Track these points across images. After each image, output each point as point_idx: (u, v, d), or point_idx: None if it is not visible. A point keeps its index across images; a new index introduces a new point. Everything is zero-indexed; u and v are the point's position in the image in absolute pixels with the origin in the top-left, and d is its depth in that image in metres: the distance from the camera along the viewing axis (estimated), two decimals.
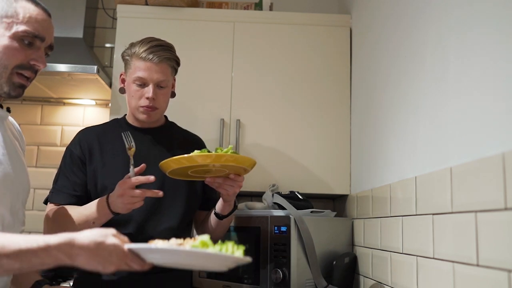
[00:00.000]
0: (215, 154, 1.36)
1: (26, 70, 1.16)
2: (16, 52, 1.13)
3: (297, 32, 2.28)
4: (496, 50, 1.00)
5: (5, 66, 1.12)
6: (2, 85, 1.14)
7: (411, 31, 1.49)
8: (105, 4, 2.72)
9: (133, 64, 1.58)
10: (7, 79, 1.14)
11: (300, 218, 1.79)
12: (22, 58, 1.14)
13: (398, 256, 1.47)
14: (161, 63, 1.57)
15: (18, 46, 1.13)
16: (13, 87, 1.15)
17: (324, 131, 2.22)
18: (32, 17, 1.15)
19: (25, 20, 1.13)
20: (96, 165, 1.59)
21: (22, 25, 1.13)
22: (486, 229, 0.98)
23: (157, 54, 1.57)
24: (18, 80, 1.15)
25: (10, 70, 1.13)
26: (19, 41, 1.13)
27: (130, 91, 1.61)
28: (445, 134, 1.21)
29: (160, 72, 1.57)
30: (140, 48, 1.58)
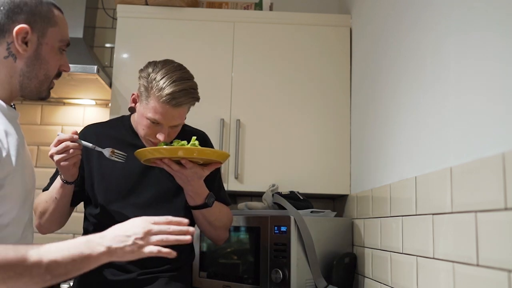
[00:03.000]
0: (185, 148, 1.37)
1: (57, 77, 1.21)
2: (56, 63, 1.18)
3: (297, 32, 2.28)
4: (496, 50, 1.00)
5: (49, 76, 1.18)
6: (41, 92, 1.18)
7: (411, 31, 1.49)
8: (105, 4, 2.72)
9: (151, 100, 1.44)
10: (47, 87, 1.19)
11: (300, 218, 1.79)
12: (57, 66, 1.19)
13: (398, 256, 1.47)
14: (181, 108, 1.47)
15: (58, 56, 1.18)
16: (48, 92, 1.21)
17: (324, 131, 2.22)
18: (65, 26, 1.19)
19: (62, 31, 1.18)
20: (92, 165, 1.59)
21: (62, 36, 1.17)
22: (486, 229, 0.98)
23: (180, 100, 1.43)
24: (52, 86, 1.21)
25: (51, 79, 1.19)
26: (58, 51, 1.18)
27: (141, 123, 1.51)
28: (445, 134, 1.21)
29: (177, 116, 1.48)
30: (163, 89, 1.41)
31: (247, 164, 2.18)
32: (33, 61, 1.13)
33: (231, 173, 2.16)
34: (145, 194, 1.57)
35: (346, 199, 2.20)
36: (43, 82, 1.17)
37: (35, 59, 1.13)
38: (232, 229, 1.96)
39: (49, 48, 1.15)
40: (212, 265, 2.02)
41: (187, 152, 1.38)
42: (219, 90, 2.23)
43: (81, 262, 0.95)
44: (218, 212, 1.61)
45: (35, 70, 1.14)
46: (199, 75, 1.69)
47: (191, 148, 1.39)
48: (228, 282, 1.92)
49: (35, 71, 1.14)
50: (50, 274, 0.92)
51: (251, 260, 1.86)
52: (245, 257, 1.91)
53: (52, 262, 0.92)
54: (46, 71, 1.16)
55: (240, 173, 2.17)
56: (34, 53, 1.13)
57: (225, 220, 1.67)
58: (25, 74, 1.14)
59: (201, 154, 1.40)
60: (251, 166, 2.18)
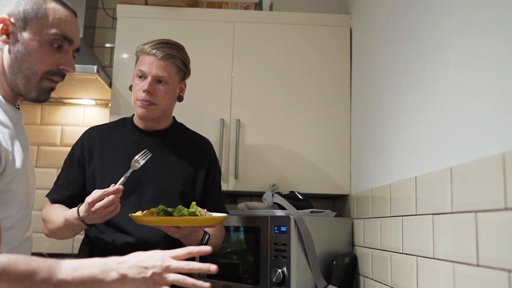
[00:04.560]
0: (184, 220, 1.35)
1: (55, 75, 1.12)
2: (45, 57, 1.09)
3: (297, 32, 2.28)
4: (497, 50, 1.00)
5: (35, 71, 1.09)
6: (31, 91, 1.10)
7: (411, 31, 1.49)
8: (105, 4, 2.71)
9: (139, 59, 1.60)
10: (36, 84, 1.10)
11: (300, 218, 1.79)
12: (51, 63, 1.10)
13: (398, 256, 1.47)
14: (164, 59, 1.57)
15: (47, 50, 1.09)
16: (42, 92, 1.12)
17: (324, 131, 2.22)
18: (62, 19, 1.10)
19: (55, 23, 1.09)
20: (95, 166, 1.60)
21: (52, 28, 1.09)
22: (486, 229, 0.98)
23: (161, 49, 1.57)
24: (47, 85, 1.12)
25: (40, 75, 1.09)
26: (49, 45, 1.09)
27: (133, 85, 1.62)
28: (445, 134, 1.21)
29: (161, 67, 1.56)
30: (148, 44, 1.59)
31: (247, 164, 2.18)
32: (15, 53, 1.07)
33: (231, 173, 2.16)
34: (147, 193, 1.57)
35: (346, 199, 2.20)
36: (29, 78, 1.08)
37: (17, 52, 1.07)
38: (232, 229, 1.96)
39: (31, 39, 1.07)
40: None
41: (185, 222, 1.36)
42: (219, 90, 2.23)
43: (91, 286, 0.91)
44: (214, 240, 1.60)
45: (17, 63, 1.07)
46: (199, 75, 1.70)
47: (190, 219, 1.36)
48: (228, 282, 1.92)
49: (17, 65, 1.07)
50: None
51: (251, 260, 1.86)
52: (245, 257, 1.91)
53: (61, 281, 0.89)
54: (30, 65, 1.08)
55: (240, 173, 2.17)
56: (15, 44, 1.07)
57: (219, 241, 1.68)
58: (10, 69, 1.08)
59: (199, 223, 1.40)
60: (251, 166, 2.18)
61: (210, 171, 1.68)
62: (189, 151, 1.68)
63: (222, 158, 2.16)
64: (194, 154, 1.68)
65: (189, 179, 1.64)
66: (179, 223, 1.37)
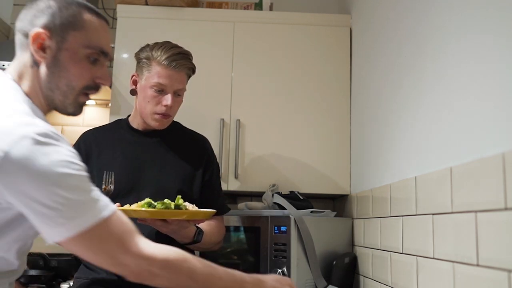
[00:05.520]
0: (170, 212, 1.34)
1: (92, 89, 1.08)
2: (83, 72, 1.04)
3: (297, 32, 2.28)
4: (497, 50, 1.00)
5: (73, 87, 1.04)
6: (67, 106, 1.06)
7: (411, 31, 1.49)
8: (105, 4, 2.71)
9: (153, 69, 1.55)
10: (73, 100, 1.06)
11: (300, 218, 1.79)
12: (88, 77, 1.06)
13: (398, 256, 1.47)
14: (181, 71, 1.57)
15: (85, 65, 1.04)
16: (78, 107, 1.08)
17: (324, 131, 2.22)
18: (98, 31, 1.06)
19: (92, 37, 1.04)
20: (92, 169, 1.59)
21: (89, 42, 1.04)
22: (486, 229, 0.98)
23: (179, 62, 1.56)
24: (82, 100, 1.08)
25: (77, 91, 1.05)
26: (86, 59, 1.04)
27: (146, 96, 1.57)
28: (445, 134, 1.21)
29: (180, 80, 1.58)
30: (162, 54, 1.55)
31: (247, 164, 2.18)
32: (52, 69, 1.02)
33: (231, 173, 2.16)
34: (145, 193, 1.57)
35: (346, 199, 2.20)
36: (67, 94, 1.04)
37: (54, 67, 1.02)
38: (232, 229, 1.96)
39: (70, 55, 1.02)
40: None
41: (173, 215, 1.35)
42: (219, 90, 2.23)
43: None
44: (209, 237, 1.58)
45: (55, 79, 1.03)
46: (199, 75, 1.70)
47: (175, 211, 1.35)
48: None
49: (55, 81, 1.03)
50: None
51: (251, 260, 1.86)
52: (245, 257, 1.91)
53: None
54: (68, 81, 1.03)
55: (240, 173, 2.17)
56: (53, 60, 1.02)
57: (217, 238, 1.65)
58: (47, 85, 1.03)
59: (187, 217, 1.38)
60: (251, 166, 2.18)
61: (207, 168, 1.68)
62: (187, 150, 1.68)
63: (222, 158, 2.16)
64: (192, 152, 1.68)
65: (187, 178, 1.64)
66: (166, 216, 1.35)
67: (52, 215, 0.89)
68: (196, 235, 1.51)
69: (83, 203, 0.92)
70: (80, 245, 0.93)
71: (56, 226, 0.90)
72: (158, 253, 0.97)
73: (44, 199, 0.88)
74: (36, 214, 0.90)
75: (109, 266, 0.96)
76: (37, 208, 0.89)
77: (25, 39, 1.03)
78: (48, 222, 0.90)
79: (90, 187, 0.95)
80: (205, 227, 1.57)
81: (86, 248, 0.94)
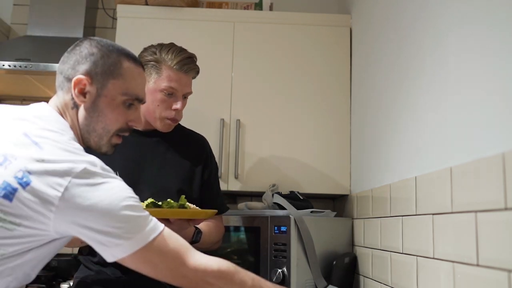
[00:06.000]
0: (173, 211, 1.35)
1: (124, 132, 1.16)
2: (120, 117, 1.12)
3: (297, 32, 2.28)
4: (496, 49, 1.00)
5: (108, 131, 1.12)
6: (101, 147, 1.14)
7: (411, 31, 1.49)
8: (105, 4, 2.71)
9: (164, 71, 1.55)
10: (107, 141, 1.13)
11: (300, 218, 1.79)
12: (123, 121, 1.13)
13: (398, 256, 1.47)
14: (190, 75, 1.59)
15: (121, 110, 1.12)
16: (111, 147, 1.16)
17: (324, 131, 2.22)
18: (135, 79, 1.13)
19: (129, 85, 1.12)
20: None
21: (126, 90, 1.11)
22: (486, 229, 0.98)
23: (190, 66, 1.57)
24: (116, 141, 1.16)
25: (112, 133, 1.13)
26: (123, 105, 1.12)
27: (155, 99, 1.56)
28: (445, 134, 1.21)
29: (188, 84, 1.60)
30: (174, 58, 1.56)
31: (247, 164, 2.18)
32: (90, 113, 1.09)
33: (231, 173, 2.16)
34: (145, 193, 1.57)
35: (346, 199, 2.20)
36: (102, 136, 1.12)
37: (93, 112, 1.09)
38: (232, 229, 1.96)
39: (108, 101, 1.09)
40: None
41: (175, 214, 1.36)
42: (219, 90, 2.23)
43: None
44: (208, 237, 1.58)
45: (92, 123, 1.10)
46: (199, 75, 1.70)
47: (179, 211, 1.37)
48: None
49: (92, 124, 1.10)
50: None
51: (251, 260, 1.86)
52: (245, 257, 1.91)
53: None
54: (105, 125, 1.11)
55: (240, 173, 2.17)
56: (92, 105, 1.09)
57: (215, 238, 1.65)
58: (84, 127, 1.10)
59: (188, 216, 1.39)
60: (251, 166, 2.18)
61: (206, 167, 1.69)
62: (186, 149, 1.68)
63: (222, 158, 2.16)
64: (191, 152, 1.68)
65: (187, 177, 1.64)
66: (170, 215, 1.36)
67: (114, 237, 0.96)
68: (195, 235, 1.51)
69: (140, 221, 1.00)
70: (140, 260, 1.00)
71: (116, 246, 0.97)
72: (213, 264, 1.05)
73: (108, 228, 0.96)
74: (94, 241, 0.98)
75: (169, 279, 1.04)
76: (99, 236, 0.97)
77: (67, 82, 1.10)
78: (111, 244, 0.97)
79: (141, 207, 1.03)
80: (204, 227, 1.57)
81: (146, 262, 1.01)
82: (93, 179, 0.95)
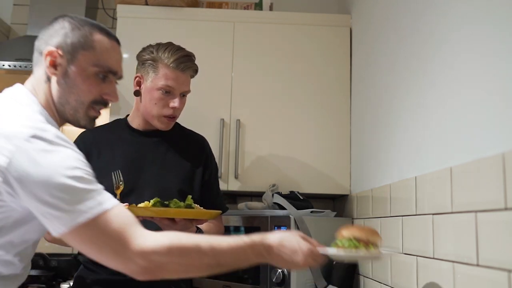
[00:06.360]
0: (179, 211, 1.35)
1: (100, 104, 1.15)
2: (92, 88, 1.12)
3: (297, 32, 2.28)
4: (497, 49, 1.00)
5: (82, 102, 1.12)
6: (79, 120, 1.14)
7: (411, 31, 1.49)
8: (105, 4, 2.71)
9: (160, 71, 1.57)
10: (83, 114, 1.14)
11: (300, 218, 1.79)
12: (96, 93, 1.13)
13: (398, 256, 1.47)
14: (187, 73, 1.60)
15: (93, 81, 1.12)
16: (89, 120, 1.15)
17: (324, 131, 2.22)
18: (107, 51, 1.13)
19: (101, 55, 1.12)
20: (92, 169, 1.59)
21: (97, 61, 1.11)
22: (486, 229, 0.98)
23: (187, 64, 1.58)
24: (93, 114, 1.15)
25: (86, 105, 1.13)
26: (95, 76, 1.12)
27: (152, 98, 1.58)
28: (445, 134, 1.21)
29: (185, 83, 1.60)
30: (170, 56, 1.57)
31: (247, 164, 2.18)
32: (62, 85, 1.10)
33: (231, 173, 2.16)
34: (146, 193, 1.57)
35: (346, 199, 2.20)
36: (76, 108, 1.12)
37: (65, 83, 1.10)
38: (232, 229, 1.96)
39: (79, 72, 1.10)
40: None
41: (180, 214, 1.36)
42: (219, 90, 2.23)
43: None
44: None
45: (65, 95, 1.11)
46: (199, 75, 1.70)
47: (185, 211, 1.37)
48: (228, 282, 1.92)
49: (65, 96, 1.11)
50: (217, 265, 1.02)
51: None
52: None
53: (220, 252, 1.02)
54: (77, 96, 1.11)
55: (240, 173, 2.17)
56: (64, 76, 1.10)
57: None
58: (58, 100, 1.11)
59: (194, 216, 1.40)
60: (251, 166, 2.18)
61: (206, 167, 1.69)
62: (186, 149, 1.68)
63: (222, 158, 2.16)
64: (191, 152, 1.69)
65: (187, 177, 1.64)
66: (175, 215, 1.36)
67: (54, 208, 0.92)
68: None
69: (83, 194, 0.95)
70: (82, 237, 0.94)
71: (55, 219, 0.93)
72: (164, 240, 0.98)
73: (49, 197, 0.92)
74: (40, 214, 0.94)
75: (117, 264, 0.96)
76: (42, 207, 0.93)
77: (40, 56, 1.11)
78: (51, 216, 0.93)
79: (92, 181, 0.99)
80: (204, 227, 1.57)
81: (88, 241, 0.95)
82: (42, 145, 0.95)
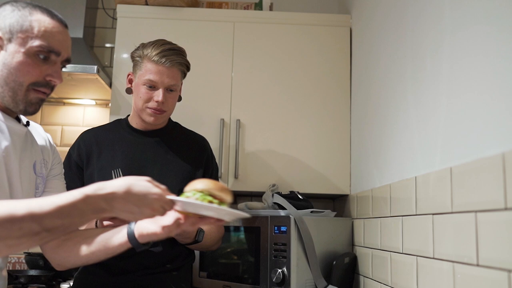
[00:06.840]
0: None
1: (42, 86, 1.11)
2: (31, 69, 1.08)
3: (297, 32, 2.28)
4: (497, 49, 1.00)
5: (20, 83, 1.08)
6: (18, 103, 1.09)
7: (411, 31, 1.49)
8: (105, 4, 2.72)
9: (144, 66, 1.57)
10: (23, 96, 1.09)
11: (300, 218, 1.79)
12: (37, 74, 1.09)
13: (398, 256, 1.47)
14: (172, 67, 1.57)
15: (32, 62, 1.08)
16: (29, 104, 1.10)
17: (324, 131, 2.22)
18: (48, 30, 1.09)
19: (40, 34, 1.08)
20: (93, 169, 1.59)
21: (37, 39, 1.07)
22: (486, 229, 0.98)
23: (170, 58, 1.56)
24: (34, 96, 1.11)
25: (25, 87, 1.08)
26: (34, 56, 1.08)
27: (138, 93, 1.59)
28: (445, 134, 1.21)
29: (171, 76, 1.57)
30: (153, 50, 1.57)
31: (247, 164, 2.18)
32: (1, 66, 1.07)
33: (231, 173, 2.16)
34: None
35: (346, 199, 2.20)
36: (15, 90, 1.08)
37: (3, 65, 1.07)
38: (232, 229, 1.96)
39: (16, 52, 1.06)
40: (212, 265, 2.02)
41: None
42: (219, 90, 2.23)
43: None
44: (209, 236, 1.58)
45: (3, 76, 1.07)
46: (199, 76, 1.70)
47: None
48: (228, 282, 1.92)
49: (3, 77, 1.07)
50: (45, 230, 0.90)
51: (251, 260, 1.86)
52: (245, 257, 1.91)
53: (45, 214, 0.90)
54: (15, 77, 1.07)
55: (240, 173, 2.17)
56: (2, 58, 1.07)
57: (216, 238, 1.64)
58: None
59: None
60: (251, 166, 2.18)
61: (207, 168, 1.69)
62: (186, 150, 1.68)
63: (222, 158, 2.16)
64: (191, 152, 1.69)
65: (188, 178, 1.64)
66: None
67: None
68: (198, 234, 1.51)
69: None
70: None
71: None
72: None
73: None
74: None
75: None
76: None
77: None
78: None
79: None
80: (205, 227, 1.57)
81: None
82: None
